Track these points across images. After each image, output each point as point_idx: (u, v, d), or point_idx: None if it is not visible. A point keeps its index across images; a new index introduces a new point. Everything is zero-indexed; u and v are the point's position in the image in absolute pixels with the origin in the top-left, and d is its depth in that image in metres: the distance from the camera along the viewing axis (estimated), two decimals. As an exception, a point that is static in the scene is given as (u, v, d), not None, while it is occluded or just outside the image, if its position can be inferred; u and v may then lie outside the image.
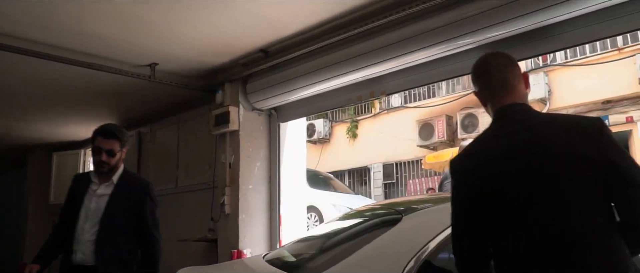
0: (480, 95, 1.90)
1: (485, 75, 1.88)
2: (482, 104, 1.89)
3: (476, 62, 1.94)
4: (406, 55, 3.79)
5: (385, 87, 4.22)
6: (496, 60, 1.89)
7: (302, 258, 2.95)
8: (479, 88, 1.91)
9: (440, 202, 2.98)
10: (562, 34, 3.28)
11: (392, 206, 3.06)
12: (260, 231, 4.87)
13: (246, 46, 4.58)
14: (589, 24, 3.17)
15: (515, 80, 1.81)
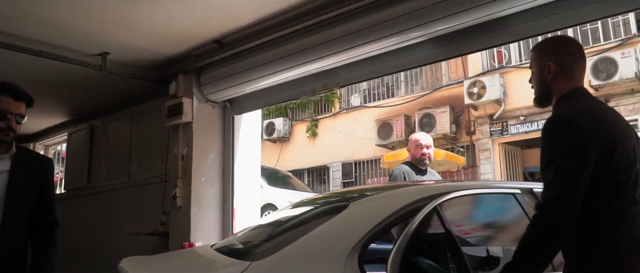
0: (557, 68, 2.01)
1: (581, 57, 2.06)
2: (548, 77, 2.02)
3: (569, 39, 2.12)
4: (359, 47, 3.81)
5: (339, 79, 4.24)
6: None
7: (251, 245, 2.93)
8: (565, 62, 2.02)
9: (390, 190, 3.02)
10: (509, 27, 3.36)
11: (343, 194, 3.07)
12: (212, 224, 4.81)
13: (200, 36, 4.53)
14: (536, 17, 3.26)
15: None
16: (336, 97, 15.00)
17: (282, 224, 3.12)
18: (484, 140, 12.05)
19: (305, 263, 2.38)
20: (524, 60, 11.60)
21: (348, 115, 14.66)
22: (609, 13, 3.16)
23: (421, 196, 2.62)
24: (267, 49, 4.36)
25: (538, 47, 2.12)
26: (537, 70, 2.07)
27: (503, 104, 11.60)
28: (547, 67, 2.02)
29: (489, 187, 3.21)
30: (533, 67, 2.10)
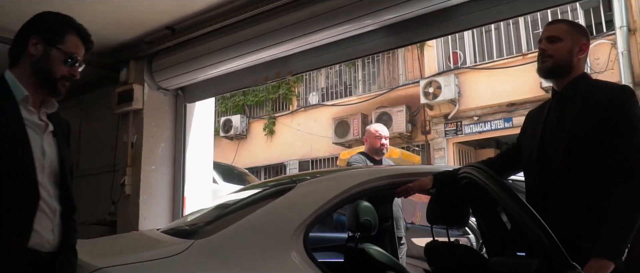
0: (586, 51, 2.17)
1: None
2: (578, 54, 2.14)
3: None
4: (311, 34, 3.84)
5: (291, 68, 4.25)
6: None
7: (196, 226, 2.91)
8: (588, 50, 2.20)
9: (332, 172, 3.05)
10: (459, 16, 3.44)
11: (293, 176, 3.08)
12: (162, 212, 4.75)
13: (152, 22, 4.47)
14: (485, 7, 3.34)
15: None
16: (294, 95, 15.01)
17: (231, 206, 3.11)
18: (439, 140, 12.26)
19: (248, 242, 2.37)
20: (479, 61, 11.87)
21: (306, 113, 14.68)
22: (555, 3, 3.26)
23: (369, 178, 2.66)
24: (220, 36, 4.33)
25: (573, 24, 2.23)
26: (570, 43, 2.13)
27: (457, 104, 11.83)
28: (581, 44, 2.13)
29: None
30: (564, 39, 2.14)
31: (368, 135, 4.65)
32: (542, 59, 2.17)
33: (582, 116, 2.04)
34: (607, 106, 1.99)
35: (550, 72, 2.16)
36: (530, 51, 11.20)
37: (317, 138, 14.07)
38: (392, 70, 13.56)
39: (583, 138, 2.02)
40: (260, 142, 15.30)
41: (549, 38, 2.16)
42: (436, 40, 12.24)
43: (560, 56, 2.12)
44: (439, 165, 11.91)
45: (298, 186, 2.64)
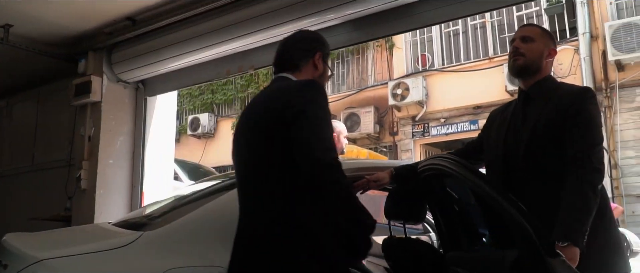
0: (554, 56, 2.25)
1: None
2: (547, 57, 2.22)
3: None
4: (274, 28, 3.79)
5: (254, 62, 4.19)
6: None
7: (149, 218, 2.84)
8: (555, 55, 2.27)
9: None
10: (421, 13, 3.44)
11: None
12: (119, 208, 4.63)
13: (112, 12, 4.36)
14: (446, 4, 3.35)
15: None
16: (263, 94, 14.89)
17: (187, 198, 3.04)
18: (406, 141, 12.33)
19: (199, 234, 2.32)
20: (446, 64, 11.98)
21: (275, 113, 14.58)
22: (517, 1, 3.28)
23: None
24: (181, 28, 4.25)
25: (545, 30, 2.32)
26: (541, 46, 2.21)
27: (425, 106, 11.91)
28: (550, 49, 2.22)
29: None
30: (536, 40, 2.22)
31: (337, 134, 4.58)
32: (515, 56, 2.23)
33: (544, 115, 2.09)
34: (568, 106, 2.04)
35: (521, 69, 2.22)
36: (497, 55, 11.36)
37: (285, 138, 13.98)
38: (361, 71, 13.59)
39: (543, 137, 2.06)
40: (228, 141, 14.74)
41: (523, 38, 2.23)
42: (405, 42, 12.34)
43: (531, 55, 2.18)
44: (400, 160, 11.97)
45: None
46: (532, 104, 2.17)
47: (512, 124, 2.21)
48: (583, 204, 1.88)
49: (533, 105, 2.16)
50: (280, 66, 2.14)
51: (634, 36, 9.45)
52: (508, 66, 2.28)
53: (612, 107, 10.07)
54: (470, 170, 2.12)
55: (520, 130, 2.15)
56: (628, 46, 9.50)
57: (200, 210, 2.43)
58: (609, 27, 9.70)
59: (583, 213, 1.87)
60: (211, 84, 15.47)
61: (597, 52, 10.24)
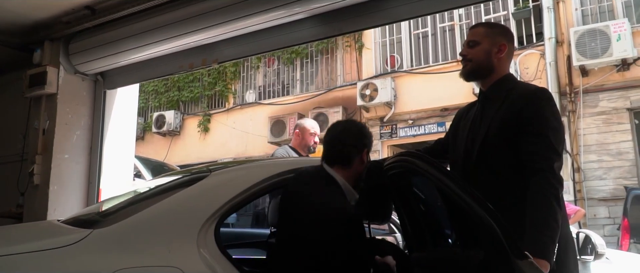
0: (507, 51, 2.20)
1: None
2: (497, 55, 2.18)
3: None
4: (239, 20, 3.68)
5: (217, 55, 4.06)
6: None
7: (101, 215, 2.68)
8: (511, 49, 2.23)
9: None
10: (389, 8, 3.37)
11: (210, 165, 2.89)
12: (74, 204, 4.43)
13: (70, 1, 4.16)
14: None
15: None
16: (230, 93, 14.71)
17: (142, 195, 2.90)
18: (374, 142, 12.26)
19: (151, 232, 2.19)
20: (415, 65, 12.01)
21: (242, 111, 14.41)
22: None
23: (287, 168, 2.51)
24: (143, 18, 4.09)
25: (491, 26, 2.27)
26: (488, 45, 2.17)
27: (393, 107, 11.91)
28: (500, 45, 2.17)
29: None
30: (481, 42, 2.18)
31: (301, 131, 4.44)
32: (463, 63, 2.24)
33: (499, 116, 2.08)
34: (523, 106, 2.02)
35: (469, 75, 2.23)
36: (464, 58, 11.43)
37: (252, 137, 13.83)
38: (330, 71, 13.53)
39: (496, 137, 2.06)
40: (194, 139, 14.88)
41: (469, 42, 2.22)
42: (374, 43, 12.34)
43: (477, 59, 2.18)
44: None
45: (211, 175, 2.47)
46: (489, 105, 2.16)
47: (473, 124, 2.21)
48: (552, 219, 1.88)
49: (490, 105, 2.16)
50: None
51: (598, 42, 9.62)
52: (459, 73, 2.29)
53: (576, 111, 10.24)
54: (439, 169, 2.05)
55: (478, 130, 2.15)
56: (592, 52, 9.67)
57: (157, 206, 2.30)
58: (574, 33, 9.86)
59: (553, 229, 1.87)
60: (177, 81, 15.19)
61: (563, 57, 10.41)
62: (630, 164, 9.80)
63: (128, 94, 4.86)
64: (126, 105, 4.84)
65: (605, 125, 10.07)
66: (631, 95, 9.89)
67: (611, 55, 9.53)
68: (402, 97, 11.89)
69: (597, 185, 9.96)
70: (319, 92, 13.33)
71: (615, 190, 9.80)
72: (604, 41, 9.56)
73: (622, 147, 9.89)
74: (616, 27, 9.53)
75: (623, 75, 9.87)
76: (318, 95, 13.27)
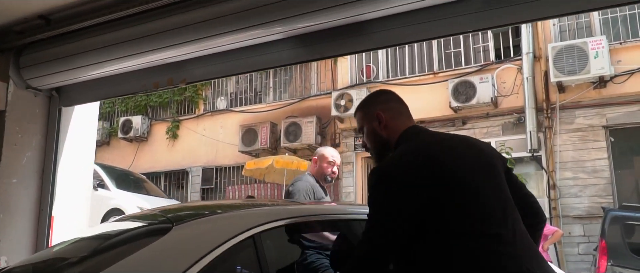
0: (387, 115, 1.99)
1: (399, 101, 2.10)
2: (381, 126, 1.97)
3: (381, 90, 2.19)
4: (210, 39, 3.32)
5: (186, 75, 3.70)
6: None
7: (48, 269, 2.30)
8: (391, 108, 2.03)
9: (215, 210, 2.54)
10: (373, 33, 3.08)
11: (170, 212, 2.51)
12: (23, 234, 3.99)
13: (22, 9, 3.74)
14: (399, 26, 3.00)
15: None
16: (201, 99, 14.26)
17: (93, 246, 2.51)
18: (348, 153, 12.03)
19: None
20: (391, 76, 11.81)
21: (212, 118, 13.98)
22: (464, 29, 2.99)
23: (265, 220, 2.18)
24: (104, 31, 3.70)
25: (361, 105, 2.10)
26: (368, 125, 2.02)
27: (368, 118, 11.65)
28: (376, 116, 1.98)
29: (344, 212, 2.81)
30: (363, 126, 2.05)
31: (319, 158, 4.11)
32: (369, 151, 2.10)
33: None
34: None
35: (379, 159, 2.03)
36: (441, 70, 11.28)
37: (222, 145, 13.42)
38: (305, 80, 13.22)
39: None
40: (162, 146, 14.39)
41: (359, 130, 2.10)
42: (350, 52, 12.06)
43: (371, 144, 2.05)
44: (346, 203, 11.66)
45: (174, 230, 2.11)
46: None
47: None
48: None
49: None
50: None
51: (576, 59, 9.54)
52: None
53: (553, 127, 10.15)
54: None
55: None
56: (570, 68, 9.59)
57: (121, 264, 1.94)
58: (552, 49, 9.77)
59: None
60: (146, 85, 14.69)
61: (540, 73, 10.31)
62: (605, 182, 9.74)
63: (87, 112, 4.44)
64: (85, 123, 4.42)
65: (581, 143, 10.00)
66: (607, 112, 9.84)
67: (588, 72, 9.45)
68: (378, 108, 11.63)
69: (572, 203, 9.88)
70: (293, 101, 13.02)
71: (591, 208, 9.74)
72: (582, 58, 9.48)
73: (597, 164, 9.83)
74: (594, 44, 9.47)
75: (600, 92, 9.82)
76: (292, 103, 12.96)
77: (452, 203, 1.67)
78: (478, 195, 1.71)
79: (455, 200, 1.68)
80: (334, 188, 12.18)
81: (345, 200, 11.79)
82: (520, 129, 10.30)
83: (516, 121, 10.45)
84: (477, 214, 1.69)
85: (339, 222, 2.61)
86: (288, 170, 11.30)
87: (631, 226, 7.98)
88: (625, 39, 9.83)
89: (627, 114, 9.67)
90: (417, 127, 2.00)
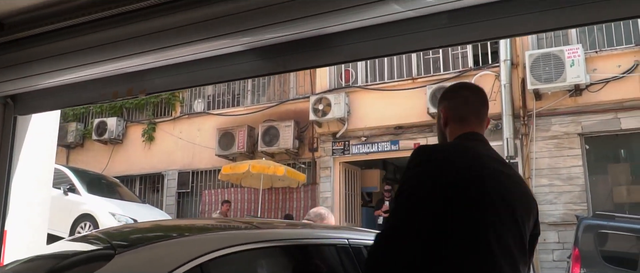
0: (449, 113, 1.98)
1: (478, 101, 2.02)
2: (442, 123, 1.99)
3: (466, 84, 2.21)
4: (170, 49, 3.17)
5: (146, 85, 3.55)
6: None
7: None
8: (457, 106, 1.98)
9: (165, 232, 2.41)
10: (340, 46, 2.96)
11: (113, 237, 2.36)
12: (-27, 251, 3.81)
13: (-26, 12, 3.57)
14: (367, 39, 2.89)
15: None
16: (178, 101, 14.06)
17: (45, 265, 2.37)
18: (326, 158, 11.95)
19: None
20: (370, 81, 11.74)
21: (189, 121, 13.78)
22: (430, 46, 2.90)
23: (218, 246, 2.06)
24: (62, 38, 3.52)
25: (438, 97, 2.10)
26: (436, 119, 2.06)
27: (346, 123, 11.59)
28: (440, 112, 2.00)
29: (310, 237, 2.67)
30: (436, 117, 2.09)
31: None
32: None
33: None
34: None
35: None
36: (420, 76, 11.25)
37: (199, 149, 13.24)
38: (283, 84, 13.10)
39: None
40: (138, 149, 14.15)
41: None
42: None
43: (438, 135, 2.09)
44: (321, 228, 11.52)
45: (116, 257, 1.98)
46: None
47: None
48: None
49: None
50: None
51: (552, 67, 9.57)
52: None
53: (529, 134, 10.17)
54: None
55: None
56: (546, 76, 9.61)
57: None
58: (529, 56, 9.78)
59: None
60: (122, 86, 14.43)
61: (517, 80, 10.34)
62: (580, 189, 9.78)
63: (45, 121, 4.26)
64: (43, 133, 4.23)
65: (557, 150, 10.04)
66: (583, 120, 9.89)
67: (565, 80, 9.49)
68: (356, 113, 11.59)
69: (547, 210, 9.90)
70: (271, 104, 12.89)
71: (566, 215, 9.78)
72: (558, 66, 9.51)
73: (572, 172, 9.88)
74: (570, 53, 9.50)
75: (575, 100, 9.86)
76: (270, 107, 12.84)
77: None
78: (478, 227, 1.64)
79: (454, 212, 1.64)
80: (311, 194, 12.08)
81: (322, 205, 11.69)
82: (497, 135, 10.30)
83: (493, 128, 10.44)
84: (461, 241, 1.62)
85: (303, 248, 2.48)
86: (265, 175, 11.18)
87: (604, 234, 8.02)
88: (601, 48, 9.89)
89: (602, 122, 9.73)
90: (475, 134, 1.90)
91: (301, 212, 12.16)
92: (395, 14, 2.69)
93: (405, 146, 11.21)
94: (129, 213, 9.65)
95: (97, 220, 9.37)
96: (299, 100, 12.53)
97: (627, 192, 9.87)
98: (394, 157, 12.05)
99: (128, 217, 9.46)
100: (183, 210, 13.44)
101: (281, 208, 12.33)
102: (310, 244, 2.51)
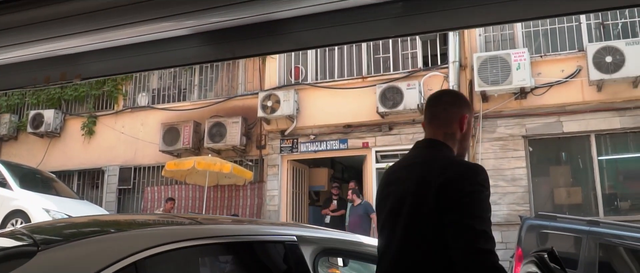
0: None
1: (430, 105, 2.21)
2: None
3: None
4: (106, 30, 2.94)
5: (81, 70, 3.29)
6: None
7: None
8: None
9: (97, 228, 2.20)
10: (292, 33, 2.82)
11: (35, 231, 2.13)
12: None
13: None
14: (321, 26, 2.75)
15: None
16: (121, 94, 13.53)
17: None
18: (274, 156, 11.76)
19: None
20: (320, 78, 11.64)
21: (132, 115, 13.29)
22: (379, 36, 2.80)
23: (152, 243, 1.88)
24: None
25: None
26: (448, 124, 2.11)
27: (295, 121, 11.43)
28: (461, 119, 2.10)
29: (253, 233, 2.51)
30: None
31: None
32: None
33: None
34: None
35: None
36: (370, 75, 11.22)
37: (142, 144, 12.79)
38: (232, 79, 12.82)
39: None
40: (77, 143, 13.54)
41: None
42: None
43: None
44: (263, 226, 11.33)
45: (39, 254, 1.77)
46: None
47: None
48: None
49: None
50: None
51: (499, 69, 9.73)
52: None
53: (476, 136, 10.30)
54: None
55: None
56: (493, 78, 9.77)
57: None
58: (477, 58, 9.92)
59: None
60: (61, 77, 13.77)
61: (465, 81, 10.46)
62: (523, 190, 9.99)
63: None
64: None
65: (502, 151, 10.22)
66: (527, 123, 10.11)
67: (511, 83, 9.66)
68: (305, 111, 11.45)
69: (492, 210, 10.05)
70: (218, 100, 12.59)
71: (509, 216, 9.97)
72: (505, 69, 9.69)
73: (516, 173, 10.08)
74: (516, 56, 9.69)
75: (520, 103, 10.07)
76: (217, 103, 12.53)
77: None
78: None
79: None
80: (258, 192, 11.87)
81: (268, 203, 11.50)
82: (444, 136, 10.40)
83: (440, 128, 10.54)
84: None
85: (248, 245, 2.32)
86: (211, 172, 10.89)
87: (546, 234, 8.19)
88: (545, 53, 10.14)
89: (545, 124, 9.97)
90: (420, 141, 2.10)
91: (247, 210, 11.93)
92: (348, 1, 2.57)
93: (354, 145, 11.18)
94: (65, 210, 9.16)
95: (29, 217, 8.85)
96: (247, 97, 12.29)
97: (567, 193, 10.16)
98: (342, 156, 11.99)
99: (63, 213, 8.98)
100: (124, 207, 12.94)
101: (227, 206, 12.05)
102: (256, 241, 2.35)
